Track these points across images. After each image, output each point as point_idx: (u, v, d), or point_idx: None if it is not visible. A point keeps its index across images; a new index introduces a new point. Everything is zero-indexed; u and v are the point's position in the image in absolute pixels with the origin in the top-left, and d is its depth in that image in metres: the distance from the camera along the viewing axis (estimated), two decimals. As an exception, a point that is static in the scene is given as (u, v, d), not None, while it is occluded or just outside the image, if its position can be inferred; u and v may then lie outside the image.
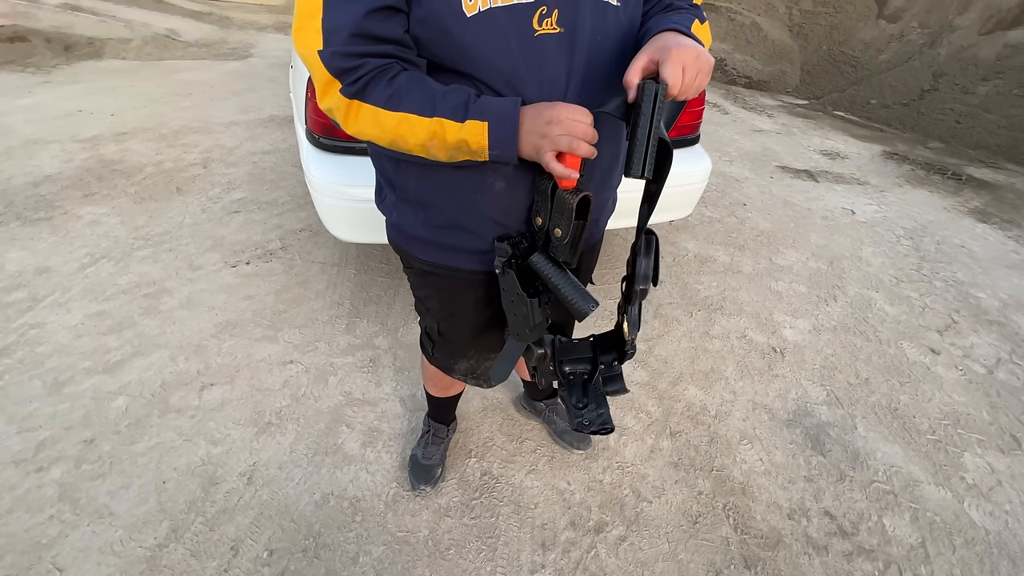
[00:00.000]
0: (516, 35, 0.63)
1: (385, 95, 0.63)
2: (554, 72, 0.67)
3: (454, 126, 0.63)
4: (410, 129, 0.64)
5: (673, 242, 2.58)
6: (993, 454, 1.61)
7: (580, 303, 0.72)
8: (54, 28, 4.91)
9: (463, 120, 0.63)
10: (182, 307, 1.86)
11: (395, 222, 0.86)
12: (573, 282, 0.73)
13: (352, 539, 1.23)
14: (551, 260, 0.74)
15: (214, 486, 1.31)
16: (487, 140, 0.63)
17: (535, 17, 0.64)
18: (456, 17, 0.61)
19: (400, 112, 0.63)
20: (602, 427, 0.84)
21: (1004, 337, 2.13)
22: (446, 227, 0.80)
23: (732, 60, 6.12)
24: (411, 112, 0.63)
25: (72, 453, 1.35)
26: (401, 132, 0.64)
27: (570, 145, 0.62)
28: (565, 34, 0.65)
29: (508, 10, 0.62)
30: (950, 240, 2.88)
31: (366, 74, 0.62)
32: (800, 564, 1.27)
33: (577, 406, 0.84)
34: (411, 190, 0.80)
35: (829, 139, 4.41)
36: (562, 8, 0.64)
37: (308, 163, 1.62)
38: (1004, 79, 4.67)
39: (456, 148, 0.65)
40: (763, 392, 1.76)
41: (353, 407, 1.56)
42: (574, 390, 0.85)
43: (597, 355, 0.86)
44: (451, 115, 0.63)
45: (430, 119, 0.63)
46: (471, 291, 0.89)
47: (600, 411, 0.84)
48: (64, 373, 1.56)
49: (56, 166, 2.72)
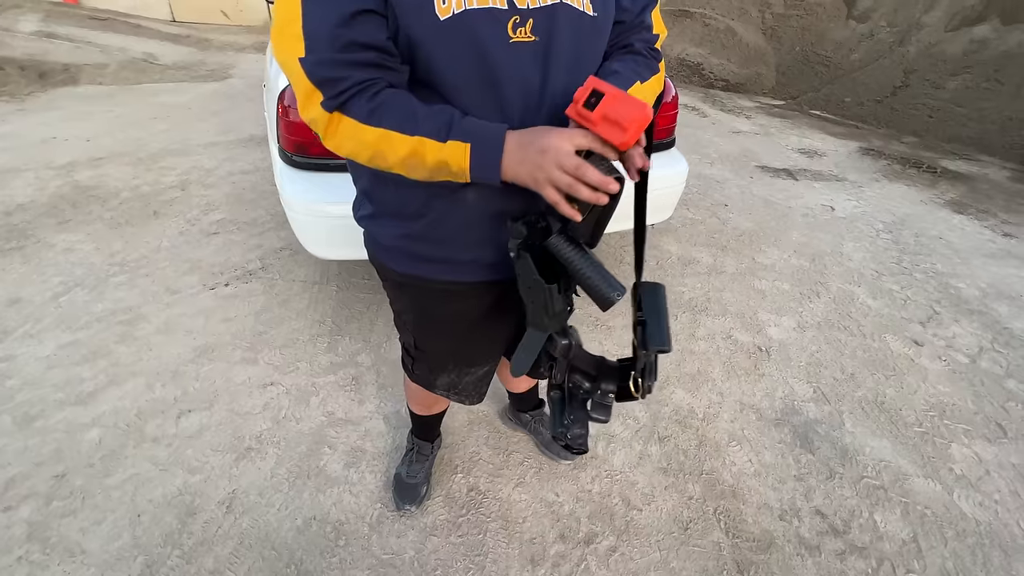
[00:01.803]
0: (490, 40, 0.62)
1: (367, 109, 0.61)
2: (529, 81, 0.66)
3: (435, 145, 0.62)
4: (390, 146, 0.63)
5: (656, 245, 2.58)
6: (980, 443, 1.61)
7: (605, 289, 0.64)
8: (28, 56, 4.86)
9: (444, 140, 0.61)
10: (159, 333, 1.83)
11: (372, 233, 0.85)
12: (597, 266, 0.66)
13: (336, 564, 1.20)
14: (571, 241, 0.67)
15: (191, 517, 1.27)
16: (468, 162, 0.62)
17: (509, 24, 0.62)
18: (429, 20, 0.60)
19: (381, 128, 0.62)
20: (579, 448, 0.82)
21: (985, 326, 2.15)
22: (421, 238, 0.78)
23: (709, 64, 6.22)
24: (392, 129, 0.62)
25: (42, 490, 1.30)
26: (381, 149, 0.63)
27: (571, 187, 0.59)
28: (540, 43, 0.64)
29: (484, 13, 0.61)
30: (928, 232, 2.92)
31: (349, 88, 0.60)
32: (793, 566, 1.26)
33: (564, 419, 0.82)
34: (390, 203, 0.79)
35: (806, 138, 4.48)
36: (537, 17, 0.63)
37: (282, 182, 1.61)
38: (972, 73, 4.79)
39: (436, 168, 0.64)
40: (750, 392, 1.75)
41: (336, 427, 1.53)
42: (570, 402, 0.82)
43: (601, 379, 0.82)
44: (433, 134, 0.61)
45: (411, 137, 0.62)
46: (447, 303, 0.87)
47: (582, 431, 0.82)
48: (35, 407, 1.51)
49: (29, 194, 2.67)
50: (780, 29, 6.45)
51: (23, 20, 5.80)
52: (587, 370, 0.83)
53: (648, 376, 0.76)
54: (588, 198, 0.59)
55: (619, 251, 2.51)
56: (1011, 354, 1.99)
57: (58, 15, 6.27)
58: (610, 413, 0.83)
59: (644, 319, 0.73)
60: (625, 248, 2.53)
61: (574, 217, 0.62)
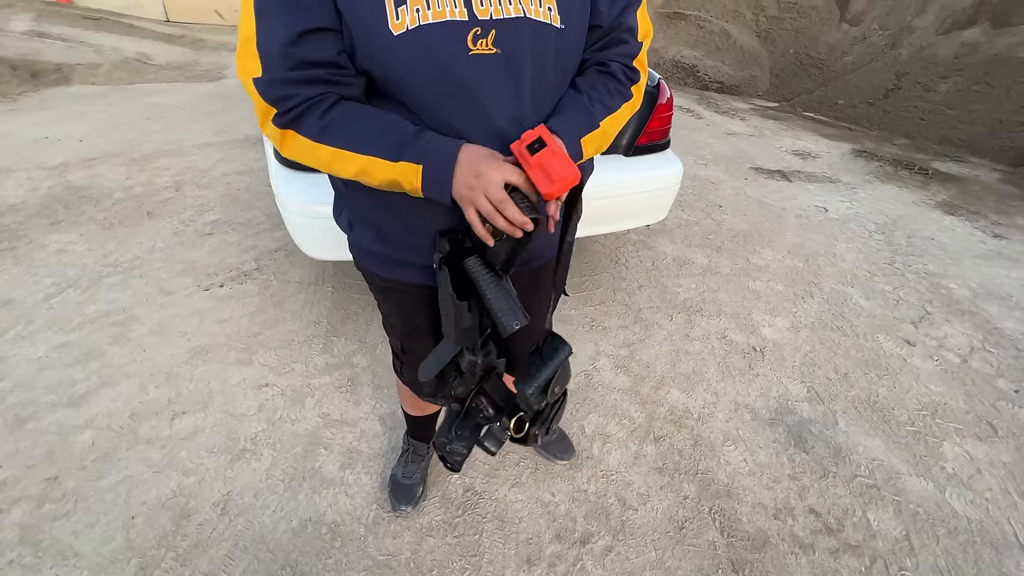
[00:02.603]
0: (449, 54, 0.61)
1: (317, 128, 0.62)
2: (496, 94, 0.65)
3: (386, 165, 0.62)
4: (342, 163, 0.64)
5: (651, 246, 2.60)
6: (971, 442, 1.63)
7: (504, 317, 0.67)
8: (20, 55, 4.82)
9: (396, 160, 0.62)
10: (152, 334, 1.81)
11: (352, 238, 0.86)
12: (504, 293, 0.68)
13: (331, 566, 1.20)
14: (486, 266, 0.70)
15: (186, 519, 1.26)
16: (420, 183, 0.63)
17: (469, 36, 0.61)
18: (381, 37, 0.60)
19: (333, 147, 0.62)
20: (453, 465, 0.84)
21: (976, 326, 2.17)
22: (397, 243, 0.79)
23: (703, 66, 6.25)
24: (342, 148, 0.62)
25: (34, 492, 1.29)
26: (334, 165, 0.64)
27: (489, 215, 0.62)
28: (502, 56, 0.63)
29: (442, 27, 0.60)
30: (920, 233, 2.95)
31: (298, 105, 0.61)
32: (787, 564, 1.26)
33: (454, 431, 0.84)
34: (362, 208, 0.79)
35: (800, 139, 4.51)
36: (499, 29, 0.62)
37: (277, 182, 1.60)
38: (963, 76, 4.85)
39: (388, 184, 0.65)
40: (745, 392, 1.76)
41: (331, 428, 1.53)
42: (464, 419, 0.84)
43: (505, 412, 0.84)
44: (385, 154, 0.62)
45: (362, 156, 0.62)
46: (428, 307, 0.87)
47: (463, 451, 0.84)
48: (26, 408, 1.50)
49: (21, 195, 2.65)
50: (774, 32, 6.50)
51: (15, 19, 5.75)
52: (496, 399, 0.85)
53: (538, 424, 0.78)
54: (503, 227, 0.63)
55: (614, 251, 2.52)
56: (1001, 354, 2.01)
57: (50, 14, 6.22)
58: (499, 447, 0.85)
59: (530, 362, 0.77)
60: (620, 249, 2.54)
61: (486, 240, 0.65)
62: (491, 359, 0.81)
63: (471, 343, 0.77)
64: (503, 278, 0.70)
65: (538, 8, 0.64)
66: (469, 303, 0.72)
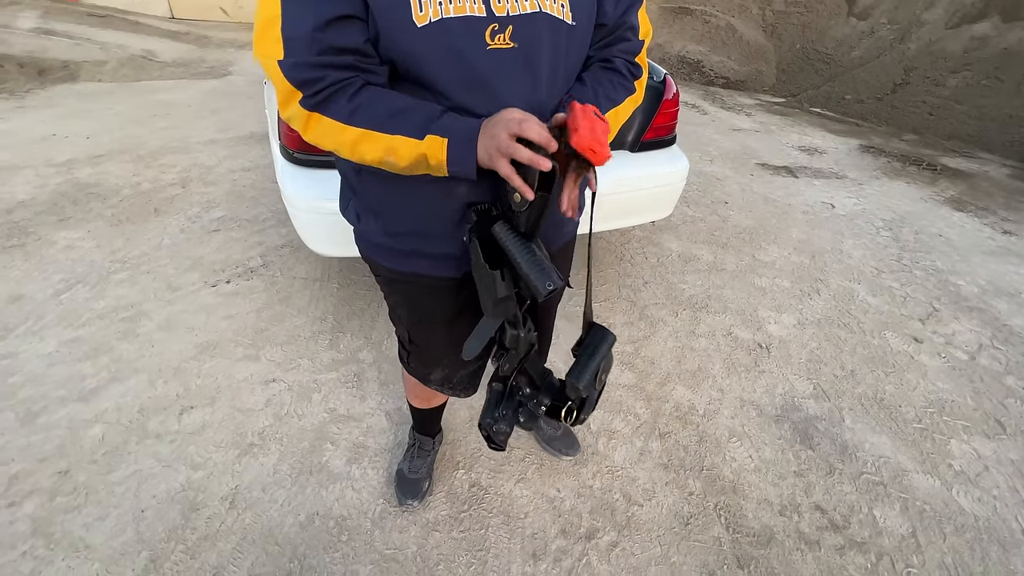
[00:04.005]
0: (468, 47, 0.63)
1: (347, 110, 0.62)
2: (514, 86, 0.67)
3: (413, 143, 0.63)
4: (369, 144, 0.64)
5: (656, 242, 2.59)
6: (979, 439, 1.62)
7: (536, 280, 0.65)
8: (27, 53, 4.85)
9: (422, 136, 0.62)
10: (160, 330, 1.83)
11: (359, 229, 0.86)
12: (534, 256, 0.67)
13: (339, 559, 1.21)
14: (513, 230, 0.69)
15: (195, 512, 1.27)
16: (445, 156, 0.63)
17: (487, 32, 0.64)
18: (405, 28, 0.61)
19: (361, 128, 0.63)
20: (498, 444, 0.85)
21: (984, 323, 2.15)
22: (409, 233, 0.79)
23: (709, 61, 6.21)
24: (371, 128, 0.63)
25: (46, 486, 1.31)
26: (359, 148, 0.64)
27: (510, 148, 0.59)
28: (519, 50, 0.65)
29: (460, 21, 0.62)
30: (928, 229, 2.93)
31: (327, 87, 0.61)
32: (793, 561, 1.26)
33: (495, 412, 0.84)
34: (373, 197, 0.79)
35: (807, 135, 4.48)
36: (516, 24, 0.64)
37: (283, 178, 1.61)
38: (972, 71, 4.79)
39: (415, 163, 0.65)
40: (750, 389, 1.76)
41: (338, 423, 1.53)
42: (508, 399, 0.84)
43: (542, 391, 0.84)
44: (412, 132, 0.62)
45: (390, 136, 0.63)
46: (437, 298, 0.88)
47: (507, 431, 0.84)
48: (37, 403, 1.51)
49: (29, 191, 2.67)
50: (781, 26, 6.44)
51: (21, 17, 5.78)
52: (533, 377, 0.85)
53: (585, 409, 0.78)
54: (528, 159, 0.58)
55: (620, 248, 2.51)
56: (1010, 351, 2.00)
57: (56, 12, 6.25)
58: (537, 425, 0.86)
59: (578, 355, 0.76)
60: (625, 245, 2.54)
61: (525, 193, 0.61)
62: (531, 336, 0.80)
63: (510, 315, 0.76)
64: (532, 241, 0.68)
65: (553, 4, 0.67)
66: (502, 272, 0.71)
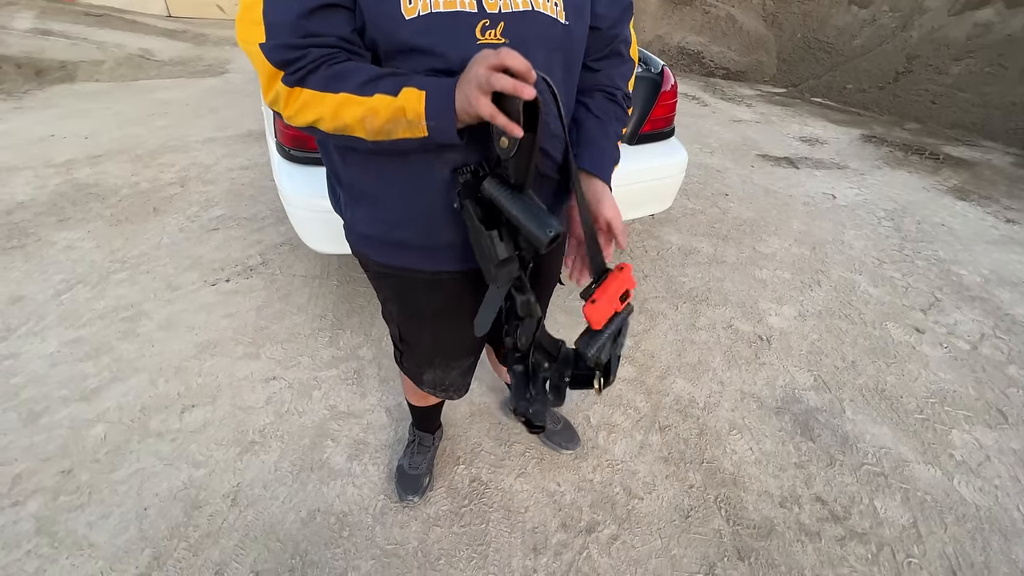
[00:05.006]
0: (457, 42, 0.63)
1: (326, 78, 0.62)
2: None
3: (389, 100, 0.61)
4: (349, 108, 0.62)
5: (656, 235, 2.58)
6: (981, 429, 1.61)
7: (535, 229, 0.62)
8: (24, 53, 4.84)
9: (397, 93, 0.61)
10: (161, 329, 1.83)
11: (348, 222, 0.85)
12: (528, 205, 0.63)
13: (340, 555, 1.21)
14: (503, 183, 0.66)
15: (197, 510, 1.28)
16: (424, 108, 0.60)
17: (478, 27, 0.63)
18: (394, 19, 0.61)
19: (340, 93, 0.62)
20: (539, 424, 0.82)
21: (987, 312, 2.14)
22: (396, 223, 0.77)
23: (709, 52, 6.16)
24: (350, 92, 0.62)
25: (49, 485, 1.32)
26: (340, 113, 0.63)
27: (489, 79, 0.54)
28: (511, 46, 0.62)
29: (450, 16, 0.62)
30: (930, 219, 2.91)
31: (310, 63, 0.61)
32: (793, 552, 1.27)
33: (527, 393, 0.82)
34: (358, 184, 0.78)
35: (808, 125, 4.44)
36: (508, 21, 0.64)
37: (280, 176, 1.60)
38: (975, 58, 4.74)
39: (393, 119, 0.62)
40: (751, 381, 1.75)
41: (338, 420, 1.54)
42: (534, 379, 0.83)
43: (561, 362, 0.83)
44: (389, 90, 0.61)
45: (368, 97, 0.62)
46: (426, 294, 0.87)
47: (542, 409, 0.83)
48: (40, 403, 1.52)
49: (29, 192, 2.67)
50: (781, 16, 6.38)
51: (18, 17, 5.77)
52: (549, 350, 0.83)
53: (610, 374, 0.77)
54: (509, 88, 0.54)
55: (619, 242, 2.50)
56: (1012, 340, 1.99)
57: (53, 12, 6.23)
58: (564, 397, 0.84)
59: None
60: (632, 240, 2.52)
61: (512, 130, 0.57)
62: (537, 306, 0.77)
63: (514, 278, 0.73)
64: (524, 192, 0.65)
65: (546, 2, 0.67)
66: (500, 231, 0.68)
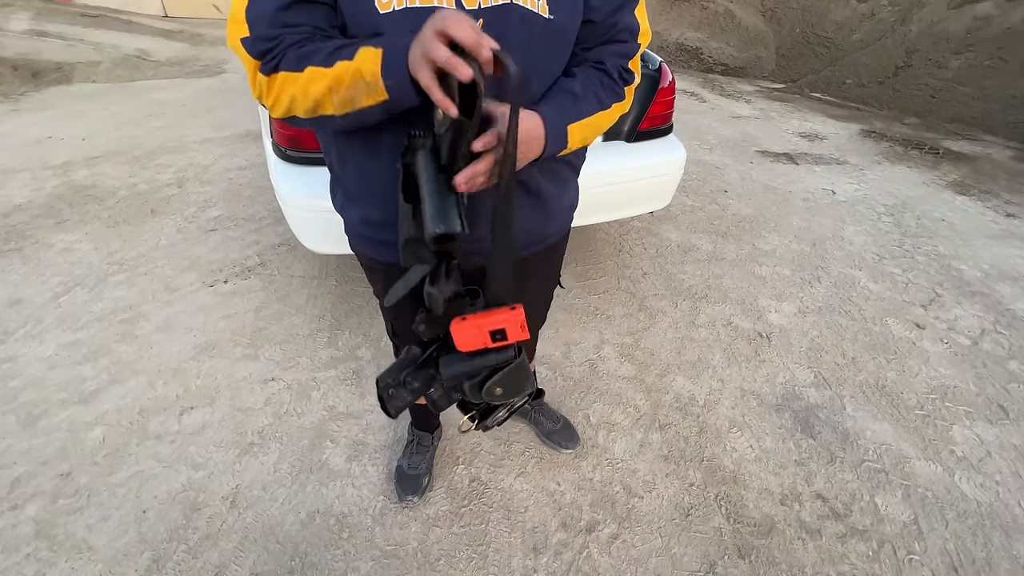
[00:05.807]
0: None
1: (297, 57, 0.63)
2: None
3: (348, 64, 0.60)
4: (317, 83, 0.62)
5: (656, 233, 2.57)
6: (981, 425, 1.61)
7: (429, 216, 0.56)
8: (20, 55, 4.82)
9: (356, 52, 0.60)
10: (159, 331, 1.83)
11: (345, 219, 0.88)
12: (440, 191, 0.58)
13: (340, 556, 1.21)
14: (435, 162, 0.61)
15: (196, 512, 1.28)
16: (380, 67, 0.59)
17: None
18: (370, 13, 0.62)
19: (307, 68, 0.62)
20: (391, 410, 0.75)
21: (987, 308, 2.13)
22: (383, 223, 0.79)
23: (707, 48, 6.14)
24: (316, 65, 0.62)
25: (48, 488, 1.31)
26: (310, 90, 0.63)
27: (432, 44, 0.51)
28: None
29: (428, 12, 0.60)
30: (930, 214, 2.90)
31: (284, 48, 0.62)
32: (794, 549, 1.26)
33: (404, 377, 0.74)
34: (352, 185, 0.80)
35: (807, 121, 4.43)
36: (487, 17, 0.64)
37: (276, 176, 1.60)
38: (975, 51, 4.72)
39: (354, 85, 0.61)
40: (751, 378, 1.75)
41: (337, 421, 1.54)
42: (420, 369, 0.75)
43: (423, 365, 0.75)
44: (348, 56, 0.61)
45: (331, 67, 0.61)
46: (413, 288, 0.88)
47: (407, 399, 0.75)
48: (38, 406, 1.52)
49: (26, 195, 2.67)
50: (780, 11, 6.35)
51: (14, 19, 5.75)
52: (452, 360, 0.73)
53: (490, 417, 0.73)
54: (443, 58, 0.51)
55: (618, 239, 2.50)
56: (1013, 335, 1.98)
57: (49, 13, 6.21)
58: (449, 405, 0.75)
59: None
60: (624, 236, 2.52)
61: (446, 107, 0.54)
62: (460, 302, 0.68)
63: (420, 261, 0.66)
64: (449, 178, 0.60)
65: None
66: (415, 208, 0.62)
